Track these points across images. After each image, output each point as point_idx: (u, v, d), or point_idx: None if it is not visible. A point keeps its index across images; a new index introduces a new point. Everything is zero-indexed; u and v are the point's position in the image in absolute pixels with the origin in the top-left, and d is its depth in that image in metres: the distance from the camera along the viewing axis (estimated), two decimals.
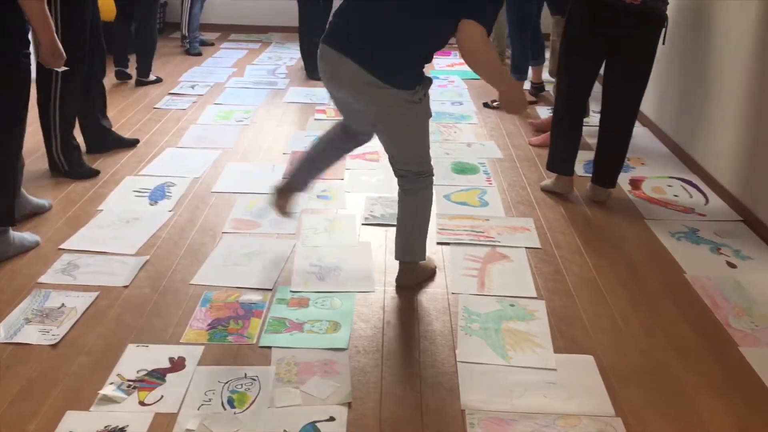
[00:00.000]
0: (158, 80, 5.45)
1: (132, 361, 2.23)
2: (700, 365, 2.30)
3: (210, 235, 3.08)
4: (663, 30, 3.17)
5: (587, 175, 3.64)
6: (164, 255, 2.90)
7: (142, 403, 2.05)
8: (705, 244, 3.09)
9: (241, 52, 6.58)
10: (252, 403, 2.06)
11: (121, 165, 3.81)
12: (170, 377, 2.17)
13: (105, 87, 4.00)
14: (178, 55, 6.41)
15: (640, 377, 2.23)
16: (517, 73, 4.86)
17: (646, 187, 3.68)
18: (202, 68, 5.97)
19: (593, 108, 4.29)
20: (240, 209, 3.32)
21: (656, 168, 3.93)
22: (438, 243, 3.02)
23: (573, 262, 2.91)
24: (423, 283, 2.72)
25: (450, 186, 3.59)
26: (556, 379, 2.20)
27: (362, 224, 3.21)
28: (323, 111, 4.85)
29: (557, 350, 2.34)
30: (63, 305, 2.51)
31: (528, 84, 5.23)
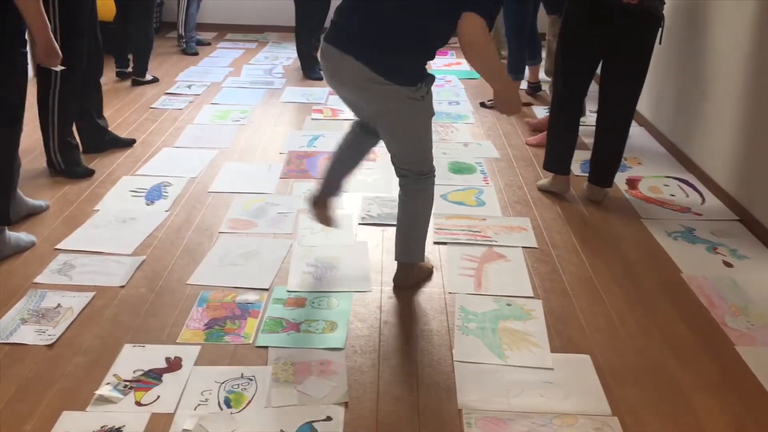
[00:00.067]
0: (155, 80, 5.44)
1: (128, 361, 2.23)
2: (697, 364, 2.30)
3: (207, 235, 3.07)
4: (660, 29, 3.18)
5: (584, 175, 3.64)
6: (161, 255, 2.90)
7: (139, 404, 2.05)
8: (701, 244, 3.09)
9: (238, 52, 6.57)
10: (249, 403, 2.06)
11: (118, 165, 3.81)
12: (167, 377, 2.16)
13: (102, 87, 3.99)
14: (175, 55, 6.39)
15: (637, 376, 2.23)
16: (514, 74, 4.85)
17: (643, 187, 3.68)
18: (199, 68, 5.95)
19: (590, 107, 4.29)
20: (237, 209, 3.31)
21: (653, 167, 3.94)
22: (435, 242, 3.02)
23: (570, 262, 2.92)
24: (420, 283, 2.72)
25: (447, 186, 3.59)
26: (553, 379, 2.20)
27: (359, 224, 3.20)
28: (320, 111, 4.85)
29: (554, 350, 2.35)
30: (59, 305, 2.51)
31: (525, 83, 5.23)
